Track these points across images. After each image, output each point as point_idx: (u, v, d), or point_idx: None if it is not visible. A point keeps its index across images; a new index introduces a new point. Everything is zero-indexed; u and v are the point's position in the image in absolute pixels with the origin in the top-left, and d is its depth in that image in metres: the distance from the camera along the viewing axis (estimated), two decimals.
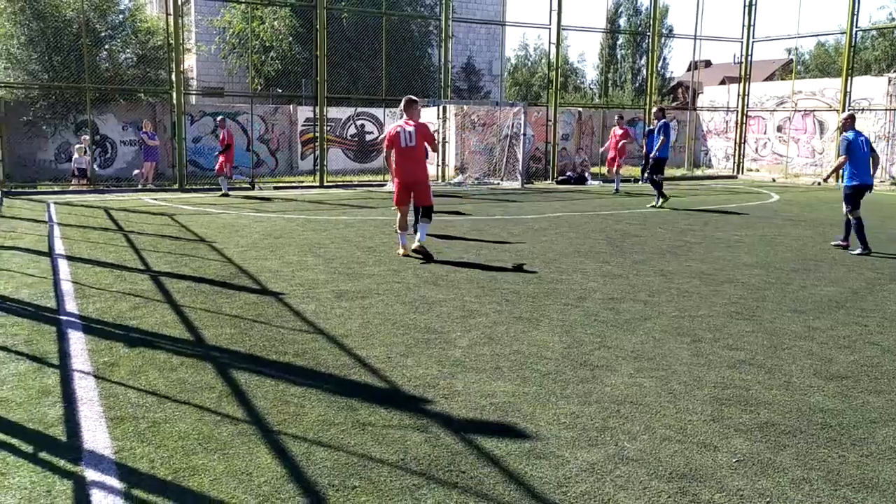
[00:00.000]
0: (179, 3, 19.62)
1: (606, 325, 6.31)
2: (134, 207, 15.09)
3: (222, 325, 6.13)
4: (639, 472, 3.65)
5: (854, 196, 10.45)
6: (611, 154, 20.07)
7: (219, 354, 5.37)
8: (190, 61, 31.36)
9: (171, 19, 19.33)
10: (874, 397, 4.70)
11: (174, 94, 19.90)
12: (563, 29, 24.38)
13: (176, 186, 19.64)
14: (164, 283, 7.73)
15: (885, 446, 3.98)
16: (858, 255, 10.10)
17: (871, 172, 10.60)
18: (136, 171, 20.37)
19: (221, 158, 17.95)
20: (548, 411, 4.39)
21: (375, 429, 4.09)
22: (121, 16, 24.18)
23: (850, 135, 10.48)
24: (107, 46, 23.74)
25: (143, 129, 20.18)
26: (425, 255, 9.19)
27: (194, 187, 19.92)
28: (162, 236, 11.08)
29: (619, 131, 19.69)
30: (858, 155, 10.40)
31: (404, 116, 9.48)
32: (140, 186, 19.54)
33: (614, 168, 19.97)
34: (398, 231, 9.72)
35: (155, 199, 16.80)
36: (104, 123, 22.13)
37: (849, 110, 24.53)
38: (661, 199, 16.13)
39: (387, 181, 21.22)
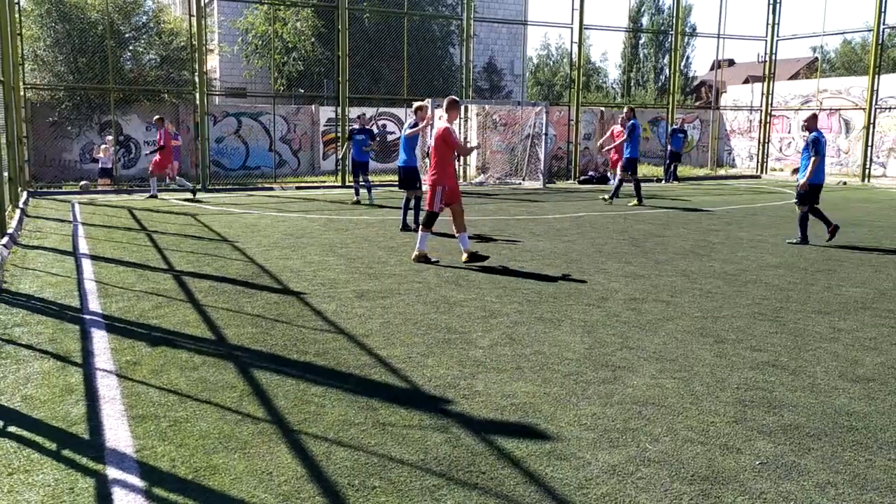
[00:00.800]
0: (202, 4, 19.77)
1: (628, 325, 6.26)
2: (157, 207, 15.23)
3: (244, 324, 6.16)
4: (660, 474, 3.61)
5: (817, 193, 10.92)
6: (613, 155, 19.22)
7: (240, 354, 5.40)
8: (213, 62, 31.60)
9: (194, 21, 19.50)
10: None
11: (197, 95, 20.07)
12: (586, 28, 24.27)
13: (199, 186, 19.79)
14: (186, 282, 7.78)
15: None
16: (794, 244, 10.79)
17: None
18: (84, 182, 19.65)
19: (156, 158, 17.12)
20: (569, 412, 4.36)
21: (396, 429, 4.08)
22: (144, 17, 24.43)
23: (818, 135, 10.81)
24: (131, 48, 24.00)
25: (168, 129, 20.30)
26: (480, 258, 8.92)
27: (217, 187, 20.06)
28: (185, 236, 11.17)
29: (618, 129, 19.00)
30: (823, 154, 10.80)
31: (445, 116, 9.17)
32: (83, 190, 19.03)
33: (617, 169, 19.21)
34: (426, 232, 9.16)
35: (178, 199, 16.94)
36: (128, 124, 22.36)
37: (819, 109, 24.23)
38: (635, 199, 16.28)
39: None
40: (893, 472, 3.67)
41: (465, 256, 8.94)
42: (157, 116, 18.00)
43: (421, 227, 9.23)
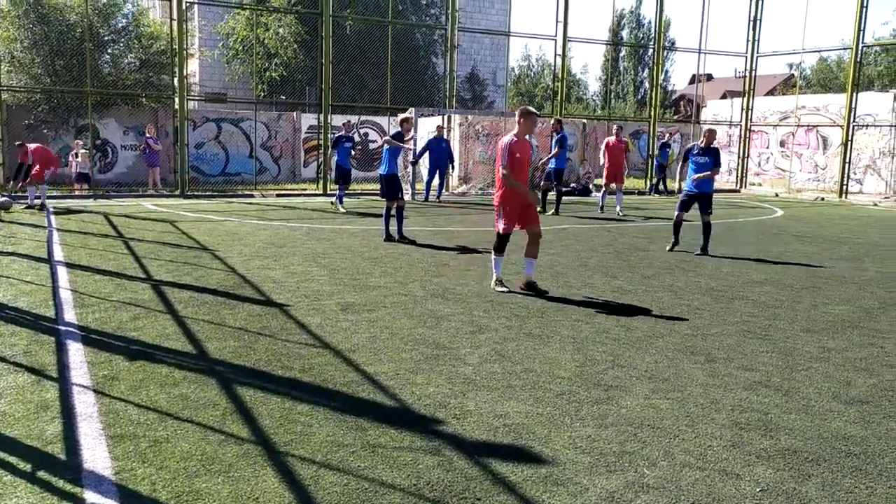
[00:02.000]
0: (183, 8, 19.54)
1: (618, 342, 6.18)
2: (134, 213, 14.95)
3: (226, 337, 5.99)
4: (660, 502, 3.51)
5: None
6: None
7: (222, 369, 5.23)
8: (193, 66, 31.30)
9: (174, 24, 19.26)
10: None
11: (177, 100, 19.81)
12: (569, 41, 24.32)
13: (178, 192, 19.51)
14: (165, 292, 7.59)
15: None
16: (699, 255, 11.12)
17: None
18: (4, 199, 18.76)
19: (34, 171, 15.14)
20: (563, 434, 4.25)
21: (386, 451, 3.95)
22: (124, 20, 24.12)
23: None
24: (109, 51, 23.66)
25: (148, 134, 20.08)
26: (537, 291, 8.01)
27: (196, 193, 19.79)
28: (163, 244, 10.95)
29: (612, 140, 18.83)
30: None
31: (515, 128, 8.02)
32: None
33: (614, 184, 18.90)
34: (498, 256, 8.26)
35: (156, 206, 16.67)
36: (105, 128, 22.03)
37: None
38: (552, 209, 16.32)
39: None
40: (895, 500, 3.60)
41: (523, 283, 8.14)
42: (17, 142, 16.22)
43: (493, 251, 8.30)
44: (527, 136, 8.12)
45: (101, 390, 4.72)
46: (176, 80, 19.80)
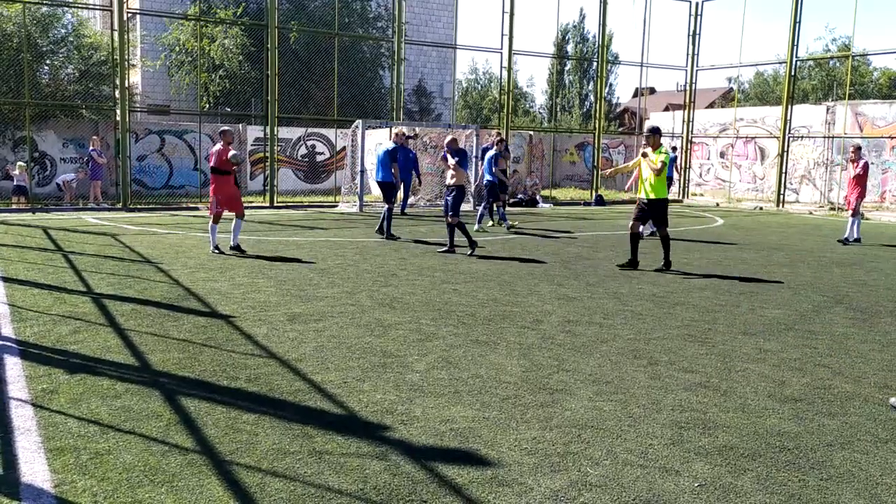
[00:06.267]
0: (125, 18, 19.23)
1: (563, 347, 6.28)
2: (74, 227, 14.60)
3: (170, 349, 5.91)
4: (603, 499, 3.59)
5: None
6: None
7: (166, 381, 5.16)
8: (135, 78, 30.75)
9: (115, 35, 18.92)
10: (829, 420, 4.75)
11: (118, 111, 19.43)
12: (515, 54, 24.65)
13: (120, 205, 19.11)
14: (106, 305, 7.44)
15: (843, 469, 4.00)
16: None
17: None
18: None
19: None
20: (509, 437, 4.31)
21: (333, 457, 3.95)
22: (64, 30, 23.58)
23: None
24: (48, 61, 23.10)
25: (92, 147, 19.65)
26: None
27: (139, 206, 19.42)
28: (104, 257, 10.72)
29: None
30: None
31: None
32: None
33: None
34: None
35: (97, 219, 16.30)
36: (43, 140, 21.46)
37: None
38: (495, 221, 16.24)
39: (338, 202, 21.05)
40: (827, 491, 3.75)
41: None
42: None
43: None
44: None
45: (39, 404, 4.61)
46: (117, 91, 19.43)
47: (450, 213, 11.68)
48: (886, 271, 11.14)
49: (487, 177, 15.75)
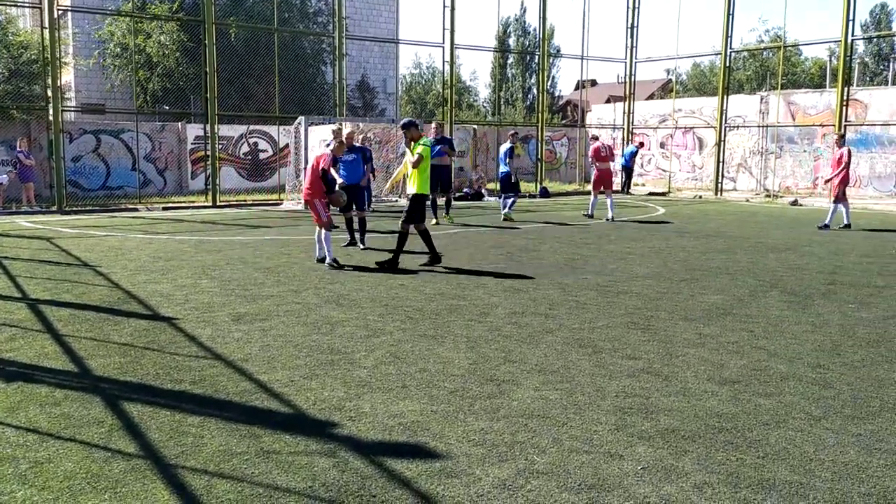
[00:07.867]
0: (55, 16, 18.65)
1: (510, 339, 6.36)
2: (6, 231, 14.14)
3: (110, 354, 5.79)
4: (549, 486, 3.66)
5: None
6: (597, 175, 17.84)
7: (107, 386, 5.06)
8: (68, 76, 29.84)
9: (46, 33, 18.34)
10: (765, 400, 4.91)
11: (51, 111, 18.86)
12: (457, 48, 24.70)
13: (55, 208, 18.57)
14: (43, 311, 7.24)
15: (778, 447, 4.15)
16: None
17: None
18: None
19: None
20: (457, 429, 4.35)
21: (281, 456, 3.93)
22: None
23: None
24: None
25: (19, 148, 19.03)
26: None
27: (75, 209, 18.90)
28: (40, 261, 10.41)
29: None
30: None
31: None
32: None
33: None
34: None
35: (31, 222, 15.81)
36: None
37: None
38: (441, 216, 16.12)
39: (282, 200, 20.82)
40: (763, 469, 3.88)
41: None
42: None
43: None
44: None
45: None
46: (49, 90, 18.85)
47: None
48: (819, 255, 11.54)
49: (503, 168, 16.60)
